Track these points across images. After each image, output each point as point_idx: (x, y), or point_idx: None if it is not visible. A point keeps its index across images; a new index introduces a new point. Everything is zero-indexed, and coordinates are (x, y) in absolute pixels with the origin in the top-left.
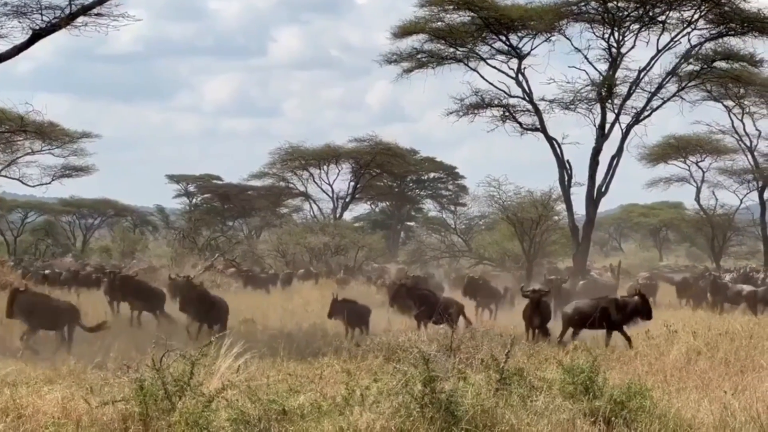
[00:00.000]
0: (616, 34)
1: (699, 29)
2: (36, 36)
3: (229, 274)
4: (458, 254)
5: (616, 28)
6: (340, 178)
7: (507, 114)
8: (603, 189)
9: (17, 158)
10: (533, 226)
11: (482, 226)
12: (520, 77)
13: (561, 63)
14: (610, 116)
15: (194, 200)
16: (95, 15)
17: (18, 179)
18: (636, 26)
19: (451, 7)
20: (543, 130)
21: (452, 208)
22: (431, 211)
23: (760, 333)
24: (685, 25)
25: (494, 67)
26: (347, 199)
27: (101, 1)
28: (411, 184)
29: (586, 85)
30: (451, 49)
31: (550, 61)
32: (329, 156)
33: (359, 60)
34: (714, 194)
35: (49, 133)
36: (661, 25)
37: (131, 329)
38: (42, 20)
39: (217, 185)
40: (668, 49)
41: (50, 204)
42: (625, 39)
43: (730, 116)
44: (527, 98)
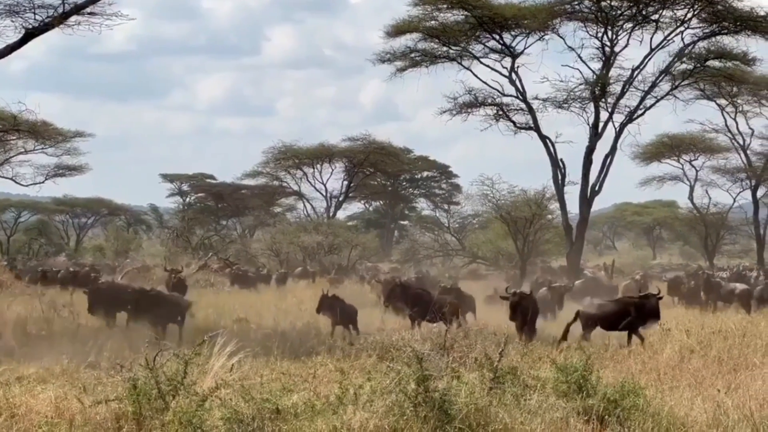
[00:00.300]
0: (610, 33)
1: (692, 28)
2: (29, 35)
3: (226, 273)
4: (452, 253)
5: (609, 27)
6: (334, 177)
7: (500, 113)
8: (596, 188)
9: (10, 157)
10: (527, 224)
11: (476, 224)
12: (514, 76)
13: (554, 62)
14: (604, 115)
15: (188, 199)
16: (88, 14)
17: (11, 178)
18: (629, 25)
19: (445, 6)
20: (536, 128)
21: (446, 206)
22: (425, 209)
23: (753, 331)
24: (678, 24)
25: (488, 66)
26: (341, 198)
27: (94, 0)
28: (404, 183)
29: (580, 84)
30: (445, 48)
31: (544, 59)
32: (323, 155)
33: (353, 59)
34: (707, 193)
35: (42, 133)
36: (654, 23)
37: (124, 329)
38: (35, 19)
39: (211, 184)
40: (661, 48)
41: (43, 203)
42: (619, 38)
43: (723, 115)
44: (521, 97)
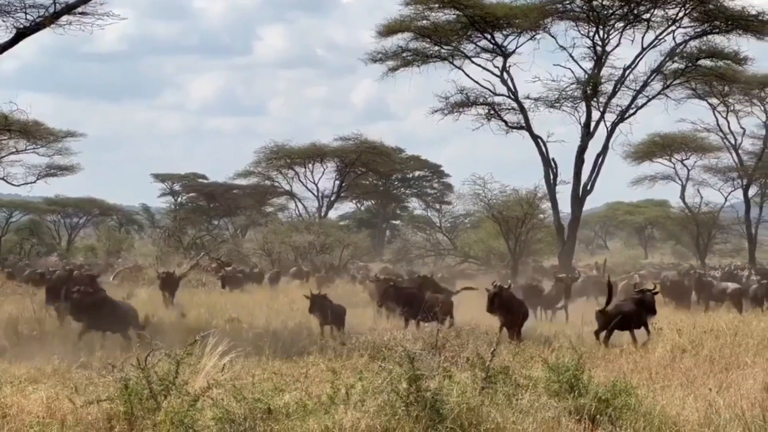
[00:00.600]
0: (601, 32)
1: (683, 27)
2: (20, 35)
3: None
4: (443, 252)
5: (601, 26)
6: (326, 176)
7: (492, 112)
8: (588, 187)
9: (1, 157)
10: (518, 224)
11: (467, 224)
12: (505, 75)
13: (546, 61)
14: (596, 114)
15: (179, 199)
16: (79, 14)
17: (2, 179)
18: (621, 24)
19: (436, 6)
20: (528, 128)
21: (437, 206)
22: (416, 209)
23: (744, 330)
24: (669, 23)
25: (479, 66)
26: (332, 198)
27: (85, 0)
28: (396, 183)
29: (571, 84)
30: (436, 48)
31: (535, 59)
32: (314, 155)
33: (344, 58)
34: (699, 192)
35: (33, 132)
36: (645, 23)
37: None
38: (26, 19)
39: (203, 184)
40: (653, 47)
41: (35, 203)
42: (610, 37)
43: (714, 114)
44: (512, 96)
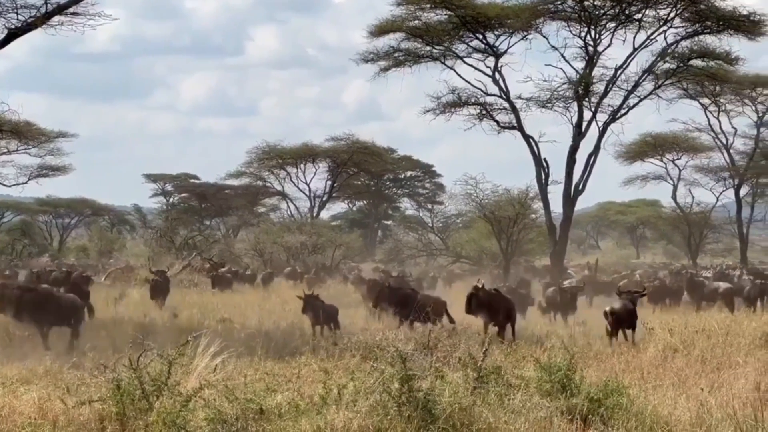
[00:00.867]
0: (593, 33)
1: (675, 27)
2: (11, 35)
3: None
4: (435, 253)
5: (592, 27)
6: (317, 177)
7: (484, 112)
8: (580, 187)
9: None
10: (510, 224)
11: (459, 224)
12: (497, 75)
13: (538, 61)
14: (587, 114)
15: (171, 199)
16: (71, 14)
17: None
18: (612, 24)
19: (428, 6)
20: (520, 128)
21: (429, 206)
22: (408, 209)
23: (736, 330)
24: (661, 24)
25: (471, 66)
26: (324, 198)
27: (77, 1)
28: (388, 183)
29: (563, 84)
30: (428, 48)
31: (527, 59)
32: (306, 155)
33: (336, 59)
34: (690, 192)
35: (25, 133)
36: (637, 23)
37: (108, 328)
38: (17, 19)
39: (195, 184)
40: (644, 48)
41: (27, 204)
42: (602, 37)
43: (706, 114)
44: (504, 96)
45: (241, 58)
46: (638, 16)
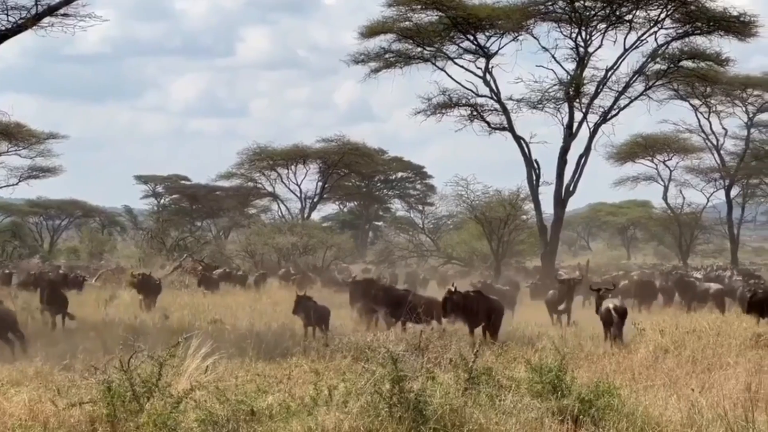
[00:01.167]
0: (584, 34)
1: (665, 28)
2: (2, 36)
3: (218, 276)
4: (426, 254)
5: (583, 28)
6: (308, 178)
7: (475, 113)
8: (571, 188)
9: None
10: (501, 225)
11: (450, 225)
12: (488, 76)
13: (529, 62)
14: (578, 115)
15: (162, 201)
16: (62, 15)
17: None
18: (603, 25)
19: (419, 7)
20: (511, 129)
21: (420, 207)
22: (399, 210)
23: (726, 331)
24: (651, 25)
25: (462, 67)
26: (315, 199)
27: (67, 2)
28: (379, 184)
29: (554, 85)
30: (419, 49)
31: (518, 60)
32: (297, 156)
33: (327, 60)
34: (681, 193)
35: (15, 134)
36: (628, 24)
37: (99, 330)
38: (8, 21)
39: (185, 186)
40: (635, 49)
41: (17, 205)
42: (593, 38)
43: (696, 115)
44: (495, 98)
45: (232, 59)
46: (629, 17)
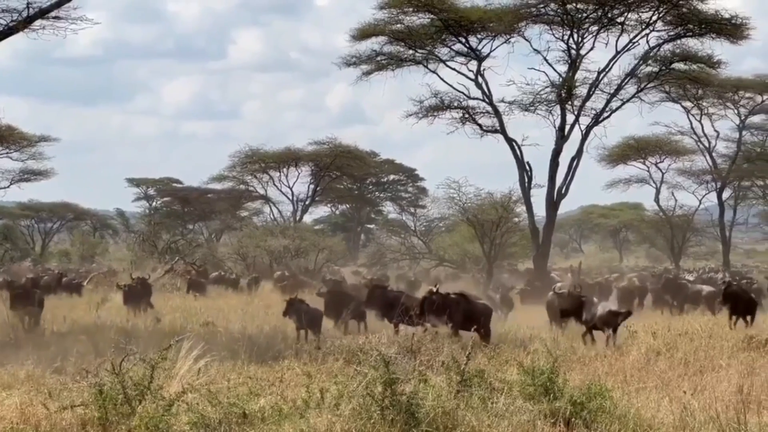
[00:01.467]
0: (575, 36)
1: (657, 31)
2: None
3: (213, 279)
4: (418, 256)
5: (575, 30)
6: (300, 180)
7: (467, 116)
8: (563, 190)
9: None
10: (493, 227)
11: (442, 228)
12: (480, 79)
13: (520, 65)
14: (570, 118)
15: (154, 204)
16: (53, 18)
17: None
18: (595, 28)
19: (411, 9)
20: (503, 131)
21: (412, 210)
22: (391, 213)
23: (718, 333)
24: (643, 27)
25: (454, 69)
26: (307, 202)
27: (59, 5)
28: (371, 187)
29: (546, 87)
30: (411, 51)
31: (510, 62)
32: (289, 159)
33: (319, 62)
34: (673, 195)
35: (7, 137)
36: (619, 26)
37: (90, 333)
38: None
39: (177, 188)
40: (627, 51)
41: (8, 208)
42: (584, 40)
43: (688, 117)
44: (487, 100)
45: (224, 61)
46: (621, 19)
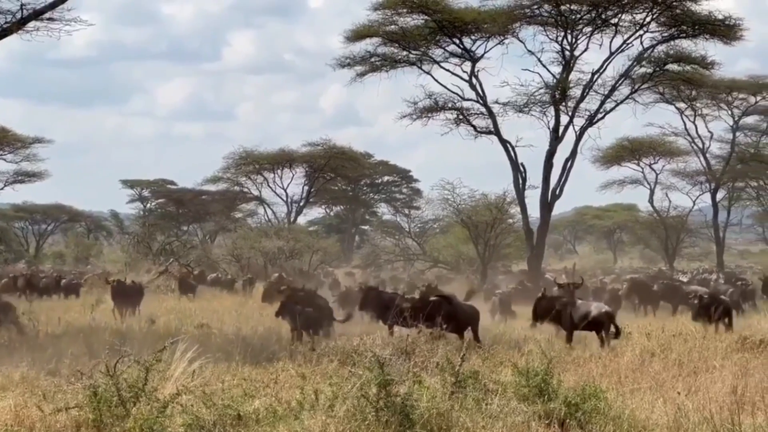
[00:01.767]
0: (569, 37)
1: (651, 32)
2: None
3: (210, 281)
4: (413, 257)
5: (569, 31)
6: (294, 182)
7: (461, 117)
8: (557, 191)
9: None
10: (488, 229)
11: (436, 229)
12: (474, 80)
13: (514, 66)
14: (564, 119)
15: (148, 205)
16: (47, 20)
17: None
18: (589, 29)
19: (405, 11)
20: (497, 133)
21: (406, 211)
22: (385, 214)
23: (713, 334)
24: (637, 28)
25: (448, 70)
26: (301, 203)
27: (53, 6)
28: (365, 188)
29: (540, 88)
30: (405, 53)
31: (504, 64)
32: (283, 160)
33: (313, 64)
34: (667, 196)
35: (1, 139)
36: (613, 27)
37: (85, 335)
38: None
39: (172, 190)
40: (621, 52)
41: (2, 210)
42: (578, 42)
43: (682, 118)
44: (481, 101)
45: (219, 63)
46: (614, 20)
